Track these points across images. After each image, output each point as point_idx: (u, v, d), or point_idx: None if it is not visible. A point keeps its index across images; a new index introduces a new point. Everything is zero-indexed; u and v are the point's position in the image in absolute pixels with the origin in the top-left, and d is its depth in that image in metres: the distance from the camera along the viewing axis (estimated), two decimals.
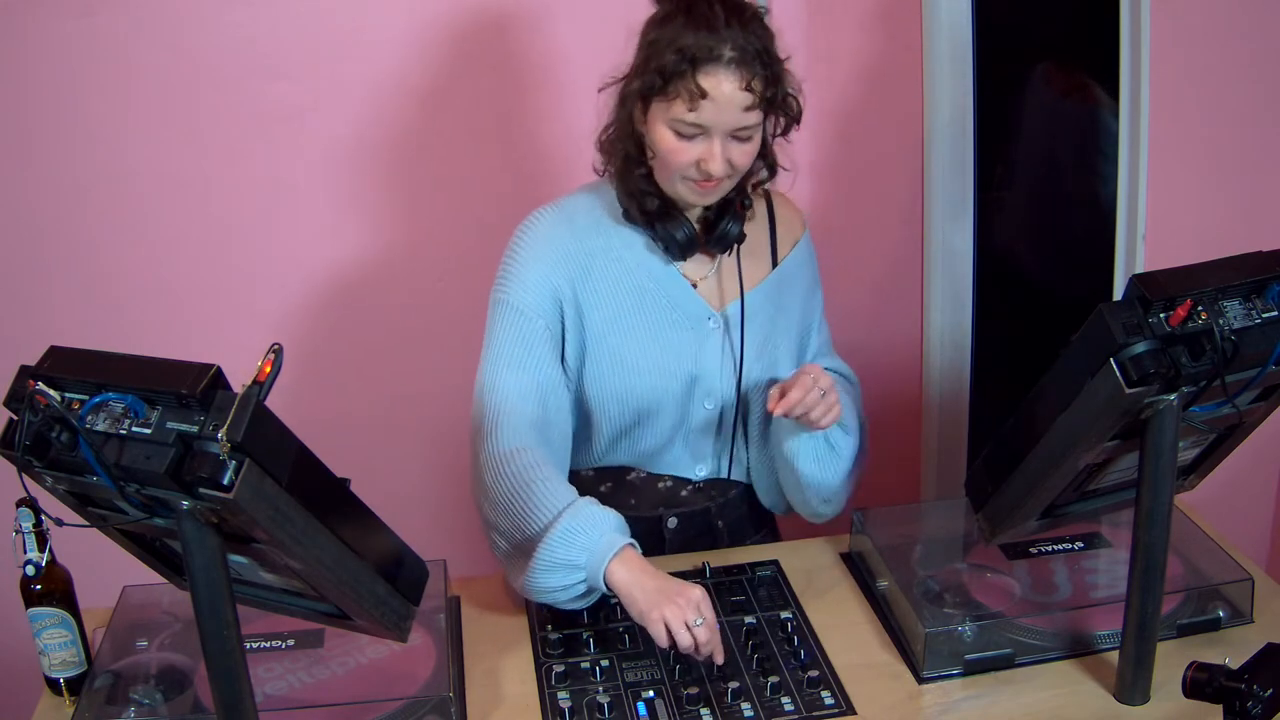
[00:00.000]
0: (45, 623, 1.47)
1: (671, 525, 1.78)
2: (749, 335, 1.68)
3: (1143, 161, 2.32)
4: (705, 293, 1.68)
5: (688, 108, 1.47)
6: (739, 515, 1.82)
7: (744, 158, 1.54)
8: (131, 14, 2.19)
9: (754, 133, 1.53)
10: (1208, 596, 1.56)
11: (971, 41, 2.40)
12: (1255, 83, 2.39)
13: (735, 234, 1.63)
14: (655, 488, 1.76)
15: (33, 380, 1.09)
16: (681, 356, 1.67)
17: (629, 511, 1.69)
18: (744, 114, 1.49)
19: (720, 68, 1.46)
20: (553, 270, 1.62)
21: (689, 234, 1.61)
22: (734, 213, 1.63)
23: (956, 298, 2.53)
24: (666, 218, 1.61)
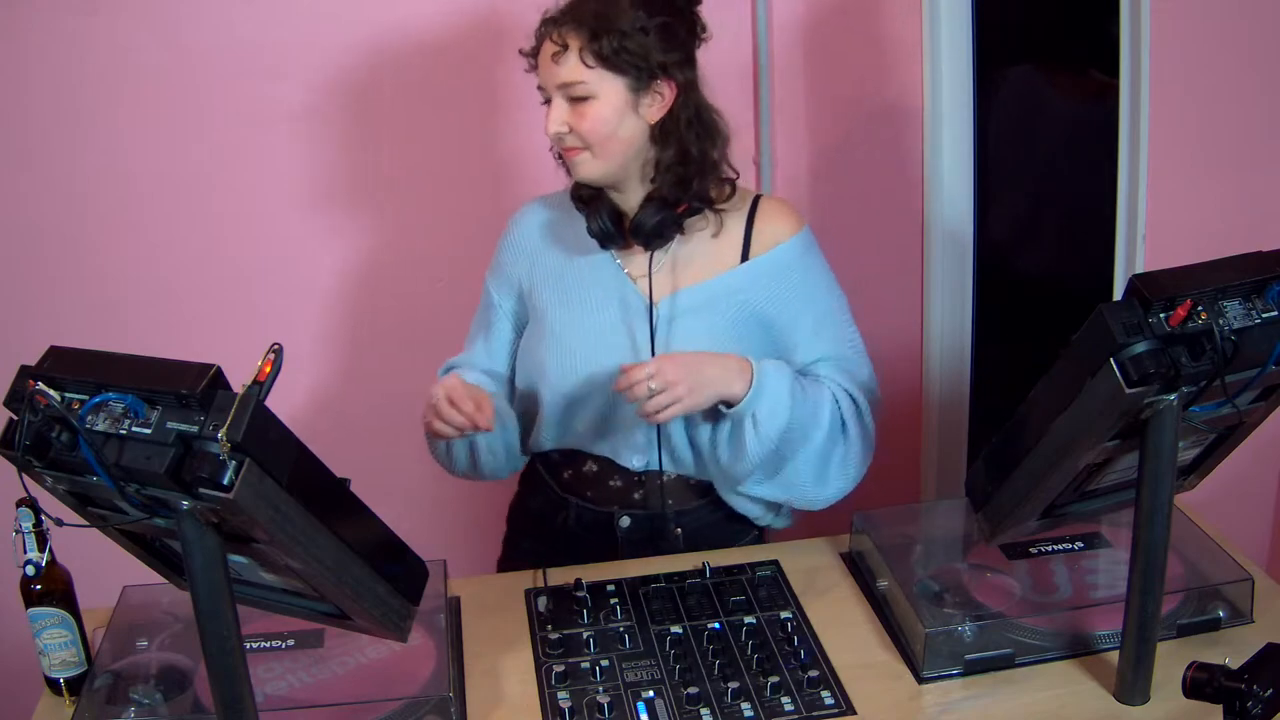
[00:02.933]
0: (45, 623, 1.47)
1: (624, 524, 1.77)
2: (689, 328, 1.67)
3: (1143, 161, 2.32)
4: (647, 285, 1.68)
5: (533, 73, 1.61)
6: (701, 525, 1.78)
7: (585, 120, 1.57)
8: (132, 13, 2.19)
9: (587, 91, 1.55)
10: (1208, 596, 1.56)
11: (971, 41, 2.40)
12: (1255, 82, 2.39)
13: (650, 226, 1.62)
14: (609, 484, 1.76)
15: (33, 380, 1.09)
16: (614, 343, 1.68)
17: (585, 504, 1.79)
18: (556, 68, 1.56)
19: (547, 28, 1.58)
20: (516, 259, 1.77)
21: (604, 227, 1.65)
22: (655, 207, 1.62)
23: (956, 297, 2.53)
24: (593, 207, 1.66)
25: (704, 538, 1.78)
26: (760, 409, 1.60)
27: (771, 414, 1.61)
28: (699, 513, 1.78)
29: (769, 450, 1.63)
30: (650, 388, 1.52)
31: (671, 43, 1.57)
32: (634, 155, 1.62)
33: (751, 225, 1.70)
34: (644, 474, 1.75)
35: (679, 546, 1.77)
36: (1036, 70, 2.64)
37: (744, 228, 1.70)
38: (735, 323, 1.68)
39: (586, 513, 1.78)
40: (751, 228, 1.70)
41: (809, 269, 1.73)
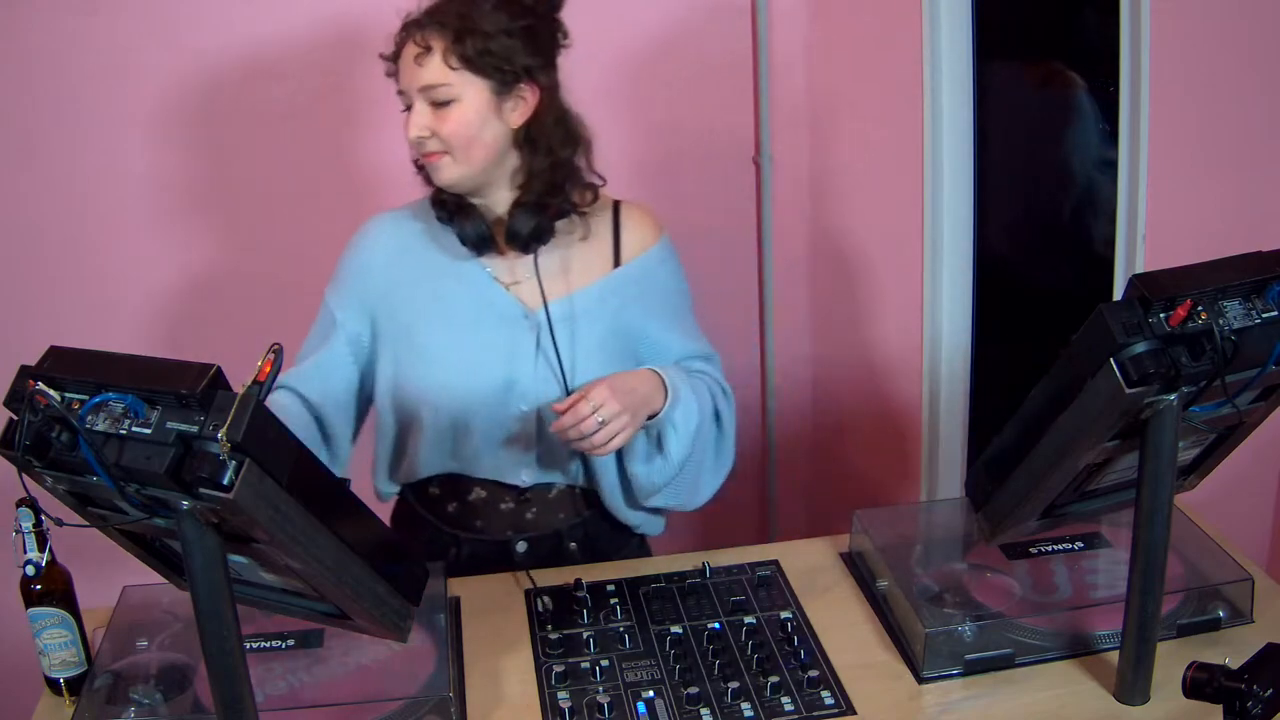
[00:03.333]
0: (45, 623, 1.47)
1: (520, 549, 1.74)
2: (579, 335, 1.65)
3: (1143, 161, 2.31)
4: (523, 294, 1.66)
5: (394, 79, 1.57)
6: (595, 534, 1.77)
7: (448, 123, 1.54)
8: (132, 13, 2.19)
9: (448, 94, 1.54)
10: (1208, 596, 1.56)
11: (971, 41, 2.40)
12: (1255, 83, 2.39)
13: (527, 231, 1.60)
14: (499, 509, 1.72)
15: (33, 380, 1.09)
16: (494, 356, 1.64)
17: (477, 534, 1.72)
18: (418, 70, 1.53)
19: (409, 31, 1.55)
20: (366, 277, 1.68)
21: (480, 231, 1.62)
22: (529, 211, 1.60)
23: (956, 298, 2.53)
24: (462, 215, 1.62)
25: (598, 551, 1.78)
26: (677, 415, 1.61)
27: (685, 417, 1.63)
28: (590, 525, 1.77)
29: (689, 450, 1.64)
30: (599, 420, 1.50)
31: (535, 46, 1.58)
32: (496, 160, 1.60)
33: (619, 231, 1.71)
34: (532, 490, 1.72)
35: (575, 561, 1.75)
36: (1037, 70, 2.64)
37: (611, 234, 1.70)
38: (613, 327, 1.68)
39: (479, 545, 1.74)
40: (619, 233, 1.71)
41: (673, 272, 1.75)
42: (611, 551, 1.79)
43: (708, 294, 2.65)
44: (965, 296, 2.55)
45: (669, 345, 1.73)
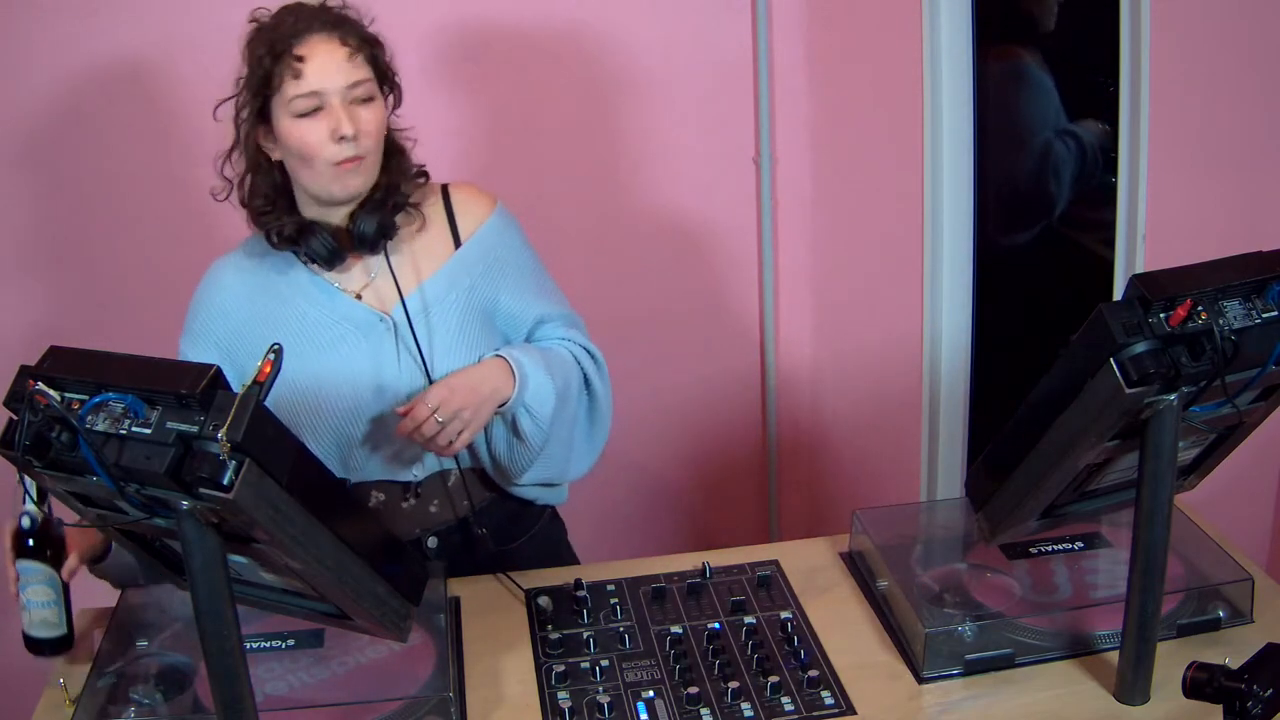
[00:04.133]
0: (32, 578, 1.44)
1: (432, 545, 1.73)
2: (437, 326, 1.64)
3: (1143, 161, 2.32)
4: (372, 299, 1.65)
5: (294, 80, 1.51)
6: (502, 516, 1.76)
7: (371, 122, 1.55)
8: (132, 14, 2.19)
9: (370, 91, 1.55)
10: (1208, 596, 1.56)
11: (971, 41, 2.40)
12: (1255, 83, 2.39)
13: (373, 231, 1.59)
14: (401, 509, 1.71)
15: (33, 380, 1.09)
16: (360, 367, 1.63)
17: None
18: (348, 66, 1.52)
19: (311, 33, 1.52)
20: (216, 320, 1.67)
21: (329, 244, 1.59)
22: (371, 211, 1.59)
23: (956, 297, 2.53)
24: (306, 235, 1.60)
25: (507, 533, 1.77)
26: (529, 398, 1.60)
27: (540, 399, 1.62)
28: (494, 508, 1.76)
29: (547, 433, 1.64)
30: (438, 421, 1.51)
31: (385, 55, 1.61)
32: None
33: (452, 213, 1.71)
34: (426, 482, 1.71)
35: (489, 547, 1.74)
36: (1037, 70, 2.64)
37: (445, 218, 1.71)
38: (468, 308, 1.67)
39: None
40: (453, 215, 1.71)
41: (513, 239, 1.74)
42: (521, 531, 1.79)
43: (708, 294, 2.66)
44: (965, 296, 2.55)
45: (526, 312, 1.72)
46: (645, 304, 2.61)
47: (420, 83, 2.32)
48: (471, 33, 2.30)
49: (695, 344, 2.67)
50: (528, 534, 1.80)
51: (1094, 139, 2.63)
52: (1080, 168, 2.66)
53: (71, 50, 2.19)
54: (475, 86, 2.32)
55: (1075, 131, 2.65)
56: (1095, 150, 2.64)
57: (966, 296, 2.55)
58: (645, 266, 2.57)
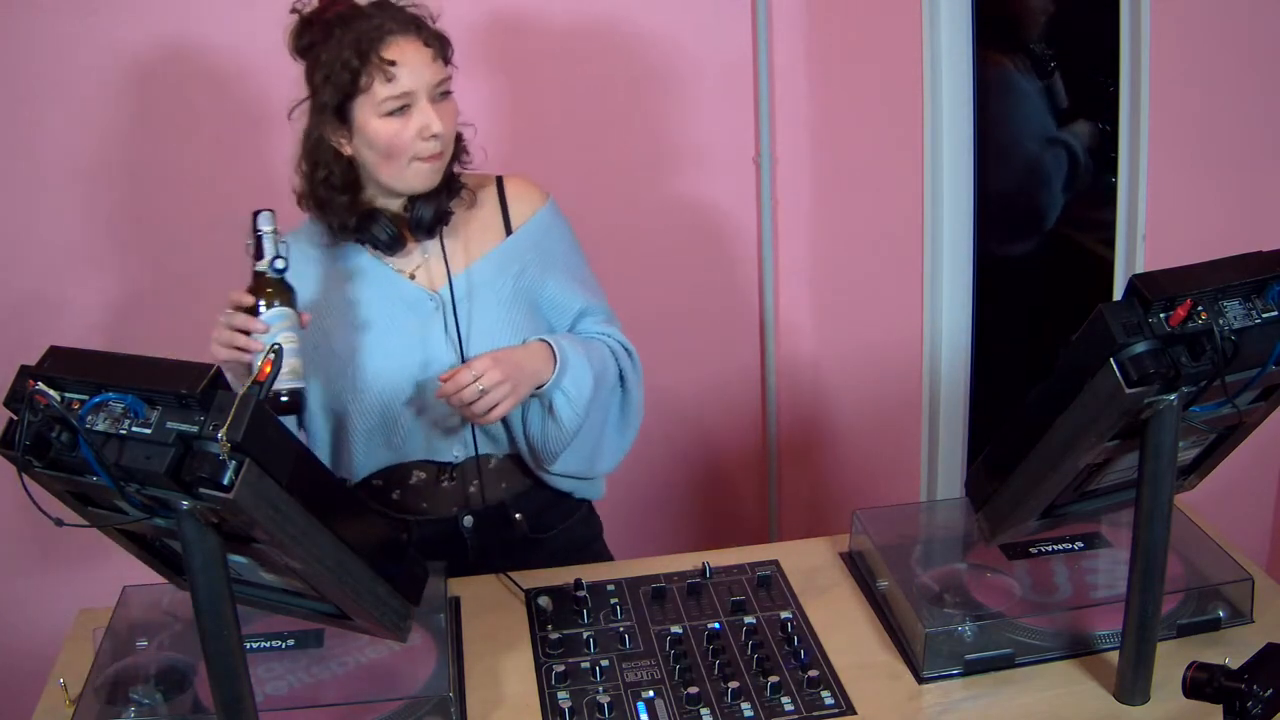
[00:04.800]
0: (283, 324, 1.47)
1: (468, 524, 1.77)
2: (479, 308, 1.70)
3: (1143, 162, 2.32)
4: (424, 278, 1.71)
5: (386, 83, 1.56)
6: (539, 504, 1.81)
7: (451, 118, 1.62)
8: (132, 14, 2.19)
9: (449, 86, 1.62)
10: (1208, 596, 1.56)
11: (971, 41, 2.40)
12: (1255, 83, 2.39)
13: (430, 216, 1.65)
14: (441, 487, 1.75)
15: (33, 380, 1.09)
16: (408, 344, 1.68)
17: (424, 515, 1.77)
18: (435, 66, 1.59)
19: (395, 37, 1.56)
20: None
21: (390, 231, 1.66)
22: (428, 197, 1.65)
23: (956, 297, 2.53)
24: (369, 222, 1.65)
25: (543, 521, 1.81)
26: (567, 383, 1.66)
27: (578, 385, 1.67)
28: (532, 495, 1.80)
29: (582, 418, 1.68)
30: (479, 389, 1.55)
31: None
32: None
33: (505, 202, 1.77)
34: (465, 464, 1.75)
35: (523, 531, 1.79)
36: (1036, 70, 2.64)
37: (499, 205, 1.77)
38: (516, 293, 1.73)
39: (428, 525, 1.76)
40: (506, 204, 1.77)
41: (563, 232, 1.80)
42: (558, 520, 1.83)
43: (708, 294, 2.66)
44: (965, 296, 2.55)
45: (570, 303, 1.77)
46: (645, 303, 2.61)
47: None
48: (466, 34, 2.30)
49: (695, 344, 2.67)
50: (562, 524, 1.83)
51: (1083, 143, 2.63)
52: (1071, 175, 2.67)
53: (72, 50, 2.19)
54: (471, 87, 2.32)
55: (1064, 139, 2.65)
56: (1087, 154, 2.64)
57: (966, 296, 2.55)
58: (645, 266, 2.57)
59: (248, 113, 2.28)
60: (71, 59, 2.20)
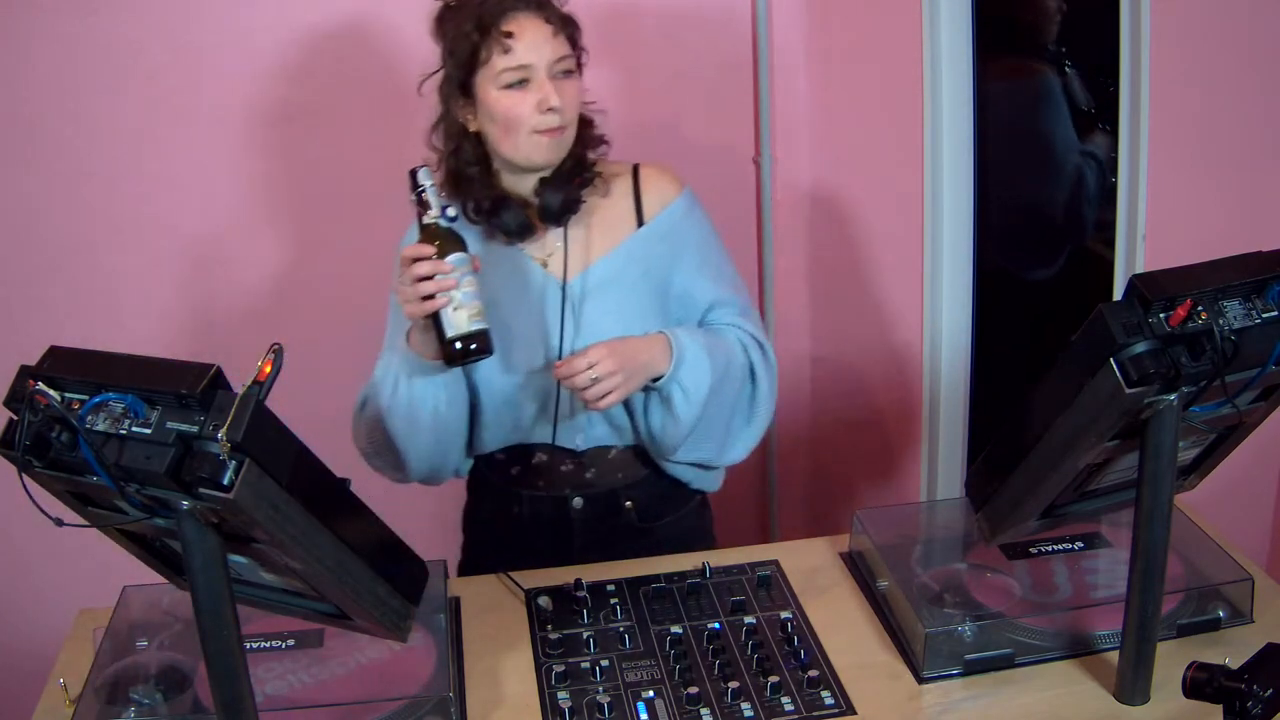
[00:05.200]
0: (463, 269, 1.49)
1: (577, 505, 1.79)
2: (603, 300, 1.71)
3: (1143, 162, 2.31)
4: (555, 266, 1.72)
5: (504, 55, 1.59)
6: (651, 494, 1.82)
7: (572, 96, 1.64)
8: (132, 13, 2.19)
9: (572, 65, 1.64)
10: (1208, 596, 1.56)
11: (971, 41, 2.40)
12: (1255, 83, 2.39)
13: (558, 204, 1.67)
14: (560, 469, 1.78)
15: (33, 380, 1.09)
16: (537, 331, 1.71)
17: (537, 492, 1.80)
18: (555, 42, 1.61)
19: (517, 12, 1.60)
20: None
21: (521, 218, 1.67)
22: (557, 185, 1.67)
23: (956, 298, 2.53)
24: (501, 208, 1.67)
25: (653, 510, 1.83)
26: (684, 376, 1.66)
27: (695, 379, 1.66)
28: (646, 484, 1.82)
29: (699, 412, 1.68)
30: (591, 377, 1.57)
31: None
32: None
33: (639, 192, 1.77)
34: (589, 452, 1.77)
35: (632, 520, 1.81)
36: (1036, 70, 2.64)
37: (632, 195, 1.77)
38: (643, 285, 1.74)
39: (539, 501, 1.80)
40: (639, 194, 1.77)
41: (698, 222, 1.80)
42: (668, 511, 1.85)
43: None
44: (965, 296, 2.55)
45: (700, 296, 1.77)
46: None
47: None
48: None
49: None
50: (673, 515, 1.85)
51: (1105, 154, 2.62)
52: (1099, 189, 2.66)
53: (71, 50, 2.19)
54: None
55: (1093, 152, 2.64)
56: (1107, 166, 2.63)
57: (966, 296, 2.55)
58: None
59: (249, 113, 2.28)
60: (71, 59, 2.20)
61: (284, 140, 2.31)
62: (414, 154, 2.43)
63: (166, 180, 2.30)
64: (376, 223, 2.38)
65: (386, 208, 2.43)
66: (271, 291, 2.38)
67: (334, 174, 2.34)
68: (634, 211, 1.76)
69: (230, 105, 2.27)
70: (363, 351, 2.44)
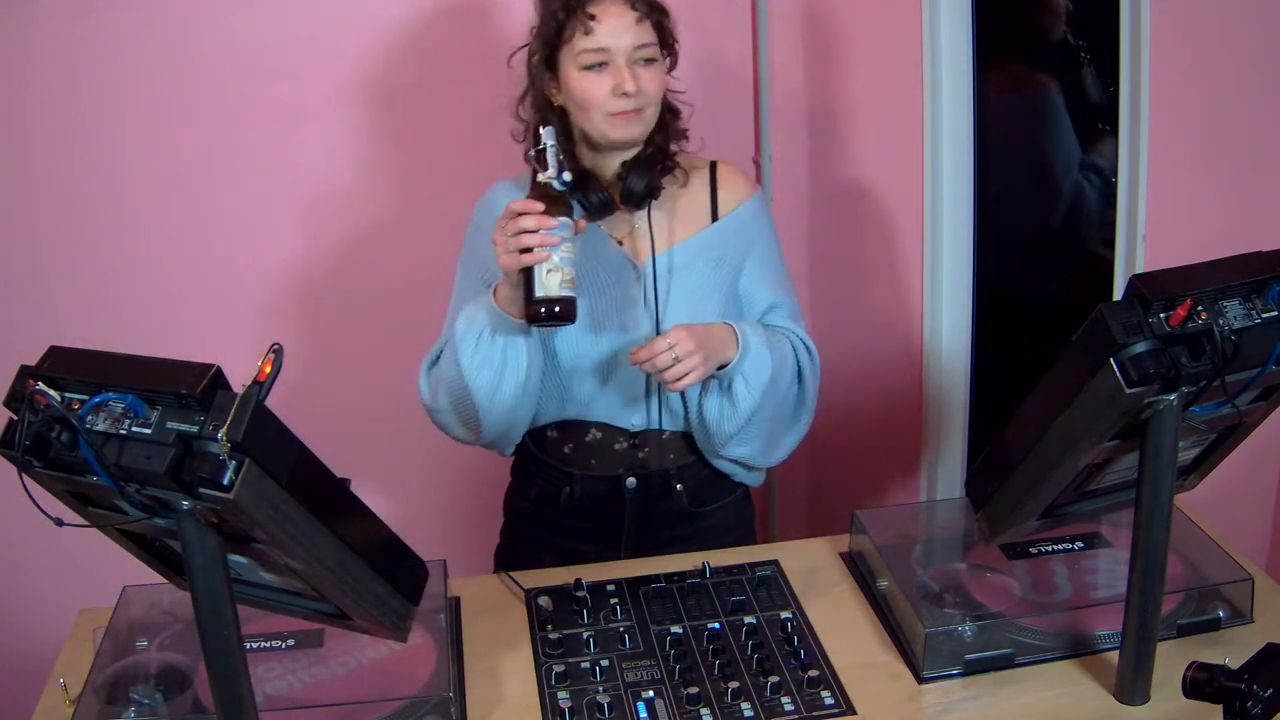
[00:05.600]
0: (568, 234, 1.51)
1: (630, 485, 1.81)
2: (677, 286, 1.76)
3: (1143, 162, 2.32)
4: (630, 247, 1.77)
5: (585, 36, 1.64)
6: (700, 479, 1.85)
7: (652, 83, 1.67)
8: (131, 13, 2.19)
9: (654, 53, 1.67)
10: (1208, 596, 1.56)
11: (971, 41, 2.40)
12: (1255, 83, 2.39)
13: (641, 189, 1.71)
14: (613, 449, 1.80)
15: (33, 380, 1.09)
16: (605, 306, 1.74)
17: (590, 471, 1.83)
18: (637, 29, 1.65)
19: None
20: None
21: (604, 196, 1.71)
22: (641, 170, 1.71)
23: (956, 298, 2.53)
24: (584, 184, 1.70)
25: (701, 493, 1.86)
26: (747, 367, 1.69)
27: (757, 370, 1.71)
28: (694, 469, 1.84)
29: (758, 402, 1.72)
30: (674, 356, 1.60)
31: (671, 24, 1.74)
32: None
33: (715, 188, 1.83)
34: (642, 433, 1.80)
35: (682, 503, 1.84)
36: (1036, 70, 2.64)
37: (709, 191, 1.82)
38: (714, 277, 1.78)
39: (592, 482, 1.82)
40: (716, 190, 1.82)
41: (765, 226, 1.86)
42: (713, 498, 1.87)
43: None
44: (965, 296, 2.55)
45: (762, 296, 1.83)
46: None
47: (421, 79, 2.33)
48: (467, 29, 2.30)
49: None
50: (720, 501, 1.88)
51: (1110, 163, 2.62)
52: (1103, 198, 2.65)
53: (71, 50, 2.19)
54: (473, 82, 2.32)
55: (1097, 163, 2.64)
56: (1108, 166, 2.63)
57: (966, 296, 2.55)
58: None
59: (248, 113, 2.28)
60: (71, 59, 2.20)
61: (284, 140, 2.30)
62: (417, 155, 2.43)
63: (167, 180, 2.30)
64: (379, 222, 2.39)
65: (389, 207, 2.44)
66: (272, 291, 2.38)
67: (334, 174, 2.34)
68: (710, 205, 1.81)
69: (230, 105, 2.26)
70: (366, 351, 2.45)
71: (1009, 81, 2.61)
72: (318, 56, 2.27)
